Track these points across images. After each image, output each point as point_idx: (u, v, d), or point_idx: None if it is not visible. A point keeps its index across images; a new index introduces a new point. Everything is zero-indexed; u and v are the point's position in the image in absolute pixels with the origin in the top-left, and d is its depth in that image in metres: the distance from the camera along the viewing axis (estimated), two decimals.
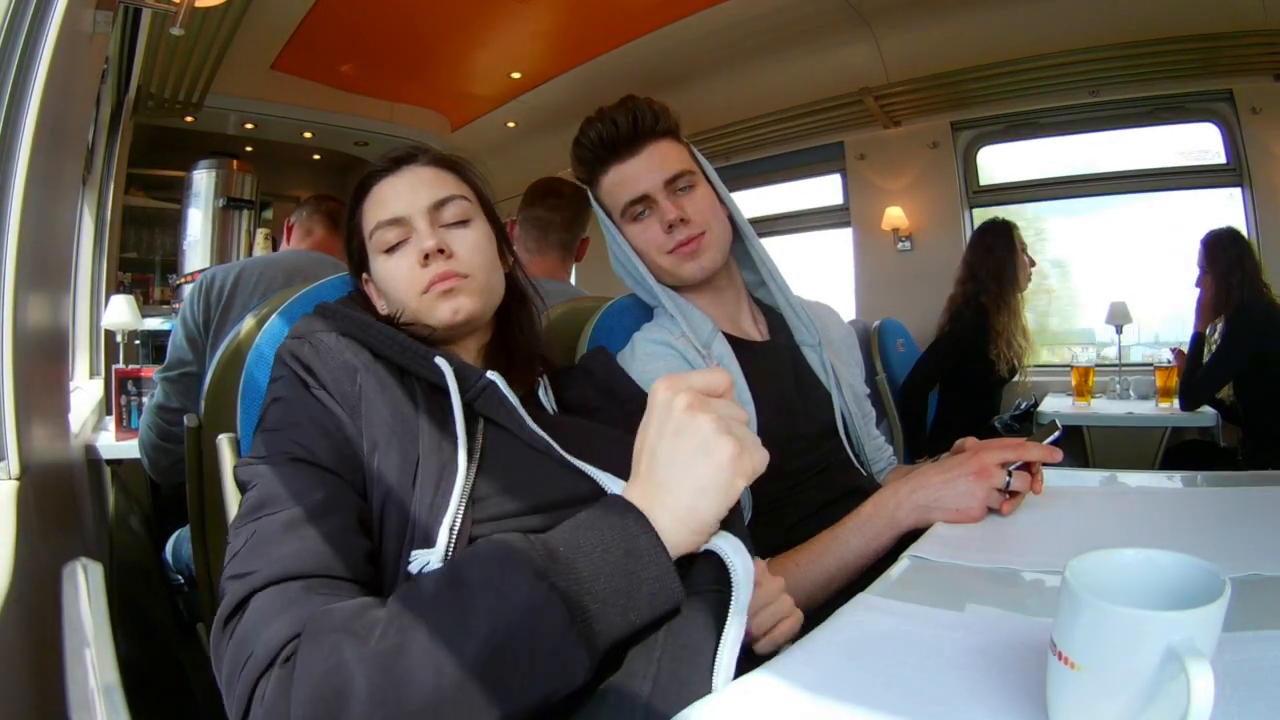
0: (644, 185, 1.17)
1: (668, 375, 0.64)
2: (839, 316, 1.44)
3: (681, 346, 1.15)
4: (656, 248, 1.19)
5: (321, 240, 2.26)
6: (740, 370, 1.15)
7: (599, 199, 1.24)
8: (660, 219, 1.17)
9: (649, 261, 1.22)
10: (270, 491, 0.69)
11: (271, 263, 2.00)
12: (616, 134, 1.17)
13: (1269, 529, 0.82)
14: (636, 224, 1.20)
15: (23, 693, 0.77)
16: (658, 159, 1.17)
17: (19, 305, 0.93)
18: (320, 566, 0.63)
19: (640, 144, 1.17)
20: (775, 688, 0.50)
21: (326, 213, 2.28)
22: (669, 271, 1.21)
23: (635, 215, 1.20)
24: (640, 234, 1.20)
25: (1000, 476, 0.91)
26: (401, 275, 0.90)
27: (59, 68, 0.97)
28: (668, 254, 1.19)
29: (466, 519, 0.71)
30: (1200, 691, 0.37)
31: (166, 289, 5.51)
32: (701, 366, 1.13)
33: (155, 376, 1.85)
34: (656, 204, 1.17)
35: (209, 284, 1.87)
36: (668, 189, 1.17)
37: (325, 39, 4.38)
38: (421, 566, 0.68)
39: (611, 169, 1.19)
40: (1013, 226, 3.09)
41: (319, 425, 0.74)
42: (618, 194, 1.20)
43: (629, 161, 1.18)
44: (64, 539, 1.21)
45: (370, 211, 0.93)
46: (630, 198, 1.18)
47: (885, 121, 4.54)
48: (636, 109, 1.16)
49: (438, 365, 0.80)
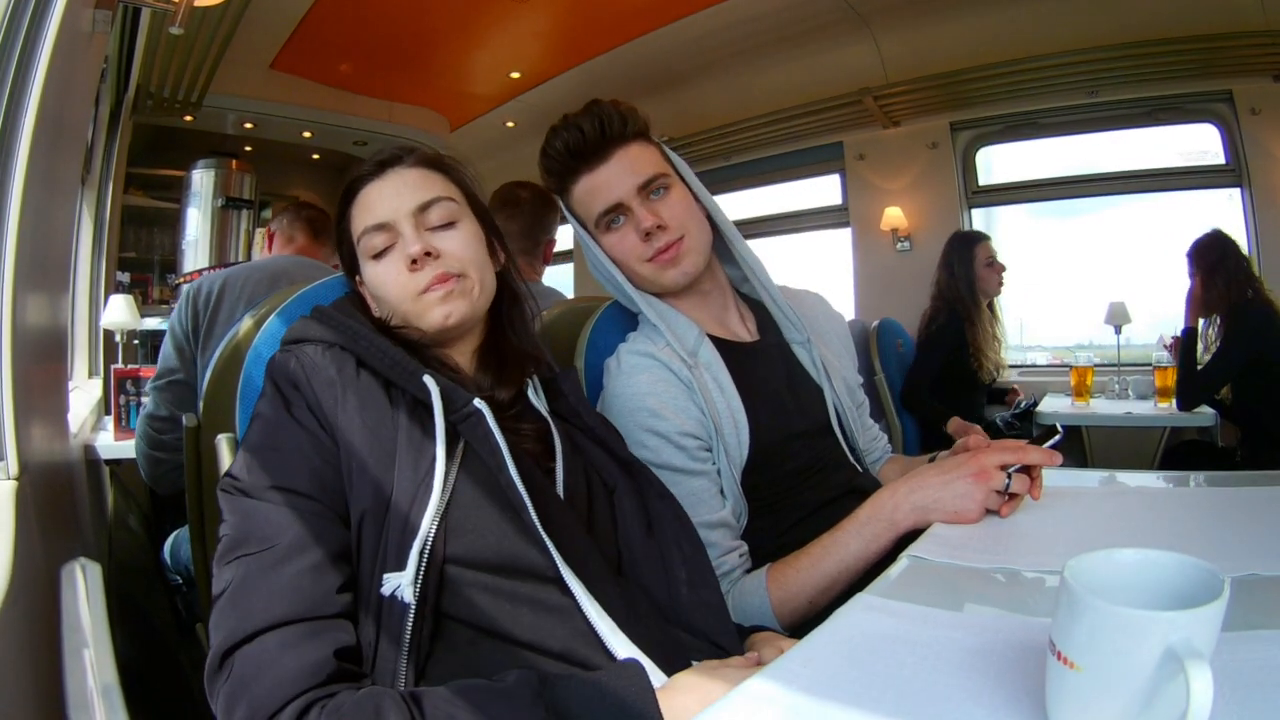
0: (616, 193, 1.13)
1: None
2: (829, 305, 1.42)
3: (665, 357, 1.12)
4: (635, 256, 1.15)
5: (303, 248, 2.28)
6: (729, 374, 1.14)
7: (571, 209, 1.20)
8: (636, 227, 1.13)
9: (628, 270, 1.18)
10: (248, 529, 0.71)
11: (256, 268, 2.01)
12: (583, 142, 1.12)
13: (1268, 529, 0.82)
14: (612, 233, 1.16)
15: (21, 693, 0.77)
16: (629, 164, 1.13)
17: (18, 305, 0.93)
18: (297, 611, 0.66)
19: (609, 150, 1.13)
20: (774, 690, 0.50)
21: (307, 220, 2.30)
22: (650, 279, 1.17)
23: (610, 224, 1.16)
24: (617, 243, 1.16)
25: (999, 479, 0.90)
26: (390, 280, 0.89)
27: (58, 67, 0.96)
28: (647, 262, 1.14)
29: (439, 542, 0.72)
30: (1199, 692, 0.37)
31: (165, 288, 5.51)
32: (687, 377, 1.11)
33: (146, 389, 1.87)
34: (631, 211, 1.13)
35: (195, 293, 1.89)
36: (641, 194, 1.13)
37: (324, 38, 4.39)
38: (393, 589, 0.70)
39: (582, 178, 1.15)
40: (975, 239, 3.19)
41: (299, 450, 0.75)
42: (590, 203, 1.15)
43: (599, 169, 1.13)
44: (63, 539, 1.21)
45: (357, 217, 0.92)
46: (603, 207, 1.14)
47: (884, 122, 4.54)
48: (602, 114, 1.12)
49: (425, 384, 0.80)
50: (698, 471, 1.07)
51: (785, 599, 0.99)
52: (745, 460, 1.10)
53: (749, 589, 1.02)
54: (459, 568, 0.74)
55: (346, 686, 0.64)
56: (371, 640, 0.70)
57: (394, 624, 0.70)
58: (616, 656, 0.73)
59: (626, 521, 0.89)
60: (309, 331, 0.85)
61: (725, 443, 1.09)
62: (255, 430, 0.79)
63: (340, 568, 0.71)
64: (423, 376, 0.81)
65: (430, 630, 0.72)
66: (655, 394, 1.09)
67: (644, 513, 0.91)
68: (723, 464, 1.09)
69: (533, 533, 0.76)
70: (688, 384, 1.10)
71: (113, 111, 3.91)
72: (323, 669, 0.64)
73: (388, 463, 0.76)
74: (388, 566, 0.71)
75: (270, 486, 0.73)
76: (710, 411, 1.09)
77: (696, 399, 1.10)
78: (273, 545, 0.69)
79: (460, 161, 1.00)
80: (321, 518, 0.73)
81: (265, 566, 0.68)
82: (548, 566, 0.76)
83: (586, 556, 0.80)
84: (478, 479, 0.78)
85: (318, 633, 0.66)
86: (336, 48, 4.61)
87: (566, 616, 0.75)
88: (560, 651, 0.73)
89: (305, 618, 0.66)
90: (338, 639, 0.67)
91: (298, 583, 0.68)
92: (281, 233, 2.30)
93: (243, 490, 0.73)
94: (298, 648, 0.64)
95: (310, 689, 0.63)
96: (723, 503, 1.08)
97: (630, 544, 0.88)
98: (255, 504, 0.72)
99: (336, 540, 0.72)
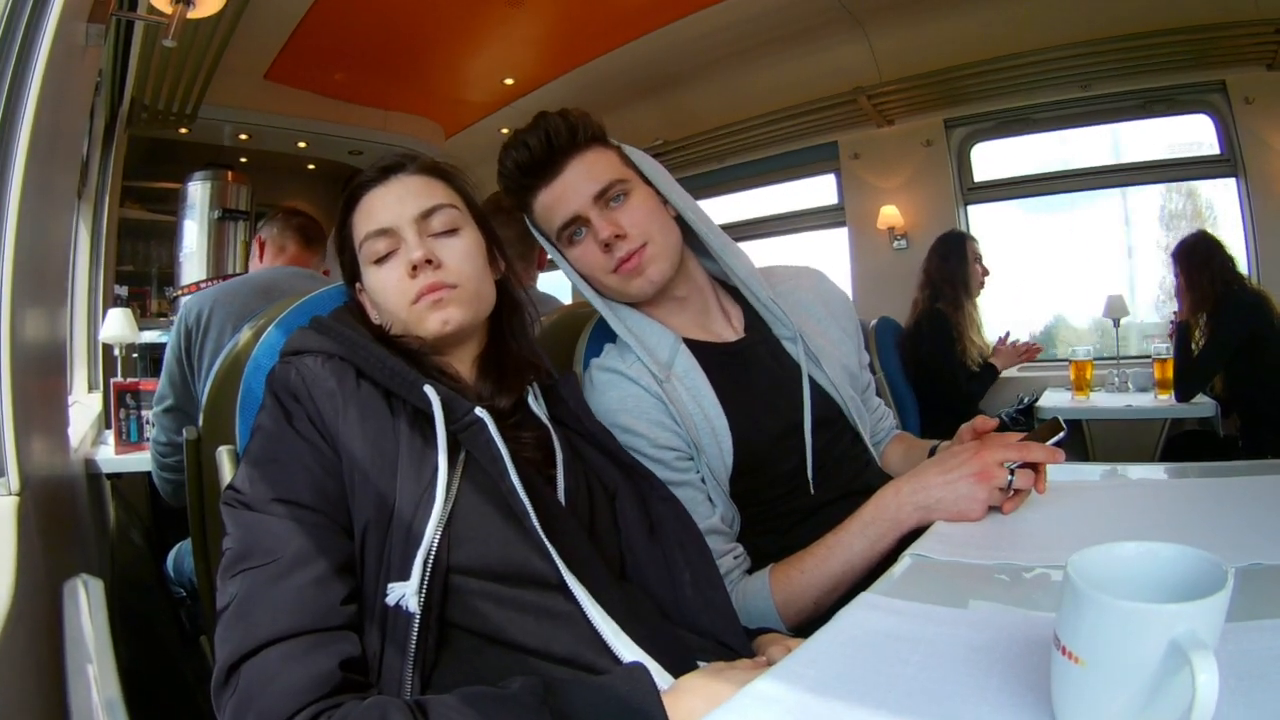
0: (573, 206, 1.09)
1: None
2: (828, 282, 1.34)
3: (634, 374, 1.10)
4: (599, 268, 1.11)
5: (295, 256, 2.27)
6: (708, 381, 1.11)
7: (535, 225, 1.17)
8: (595, 238, 1.09)
9: (595, 283, 1.15)
10: (252, 542, 0.71)
11: (244, 283, 2.02)
12: (531, 158, 1.09)
13: (1269, 518, 0.82)
14: (575, 246, 1.12)
15: (25, 709, 0.77)
16: (583, 174, 1.09)
17: (17, 319, 0.93)
18: (302, 623, 0.66)
19: (560, 162, 1.10)
20: (780, 691, 0.50)
21: (297, 228, 2.29)
22: (617, 290, 1.13)
23: (571, 238, 1.12)
24: (581, 256, 1.12)
25: (1002, 476, 0.89)
26: (391, 286, 0.90)
27: (52, 81, 0.97)
28: (611, 274, 1.11)
29: (443, 551, 0.73)
30: (1205, 683, 0.37)
31: (163, 301, 5.50)
32: (657, 391, 1.09)
33: (150, 415, 1.91)
34: (589, 222, 1.09)
35: (186, 315, 1.90)
36: (599, 204, 1.09)
37: (318, 48, 4.39)
38: (398, 599, 0.70)
39: (539, 193, 1.11)
40: (967, 238, 3.39)
41: (301, 462, 0.75)
42: (549, 218, 1.12)
43: (553, 183, 1.10)
44: (65, 554, 1.21)
45: (359, 222, 0.93)
46: (561, 220, 1.11)
47: (878, 120, 4.55)
48: (549, 126, 1.09)
49: (426, 394, 0.80)
50: (680, 482, 1.06)
51: (789, 599, 0.99)
52: (731, 468, 1.09)
53: (752, 590, 1.02)
54: (463, 576, 0.74)
55: (352, 697, 0.64)
56: (377, 650, 0.71)
57: (399, 633, 0.70)
58: (622, 660, 0.73)
59: (629, 525, 0.90)
60: (308, 342, 0.85)
61: (706, 454, 1.08)
62: (256, 443, 0.79)
63: (344, 579, 0.71)
64: (423, 386, 0.80)
65: (435, 639, 0.72)
66: (626, 410, 1.08)
67: (646, 516, 0.91)
68: (706, 474, 1.08)
69: (535, 540, 0.76)
70: (658, 398, 1.09)
71: (108, 125, 3.91)
72: (328, 680, 0.64)
73: (390, 473, 0.76)
74: (392, 576, 0.71)
75: (273, 499, 0.73)
76: (686, 424, 1.08)
77: (671, 411, 1.08)
78: (276, 558, 0.69)
79: (460, 170, 1.00)
80: (324, 529, 0.73)
81: (269, 579, 0.68)
82: (551, 573, 0.76)
83: (589, 562, 0.80)
84: (480, 487, 0.78)
85: (323, 645, 0.66)
86: (330, 57, 4.60)
87: (571, 622, 0.75)
88: (565, 657, 0.73)
89: (310, 630, 0.66)
90: (343, 650, 0.67)
91: (302, 595, 0.68)
92: (272, 241, 2.29)
93: (245, 503, 0.73)
94: (303, 660, 0.64)
95: (316, 700, 0.63)
96: (711, 509, 1.08)
97: (633, 547, 0.89)
98: (258, 517, 0.72)
99: (340, 552, 0.72)
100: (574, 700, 0.64)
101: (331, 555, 0.71)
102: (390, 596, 0.70)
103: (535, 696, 0.63)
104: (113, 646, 0.87)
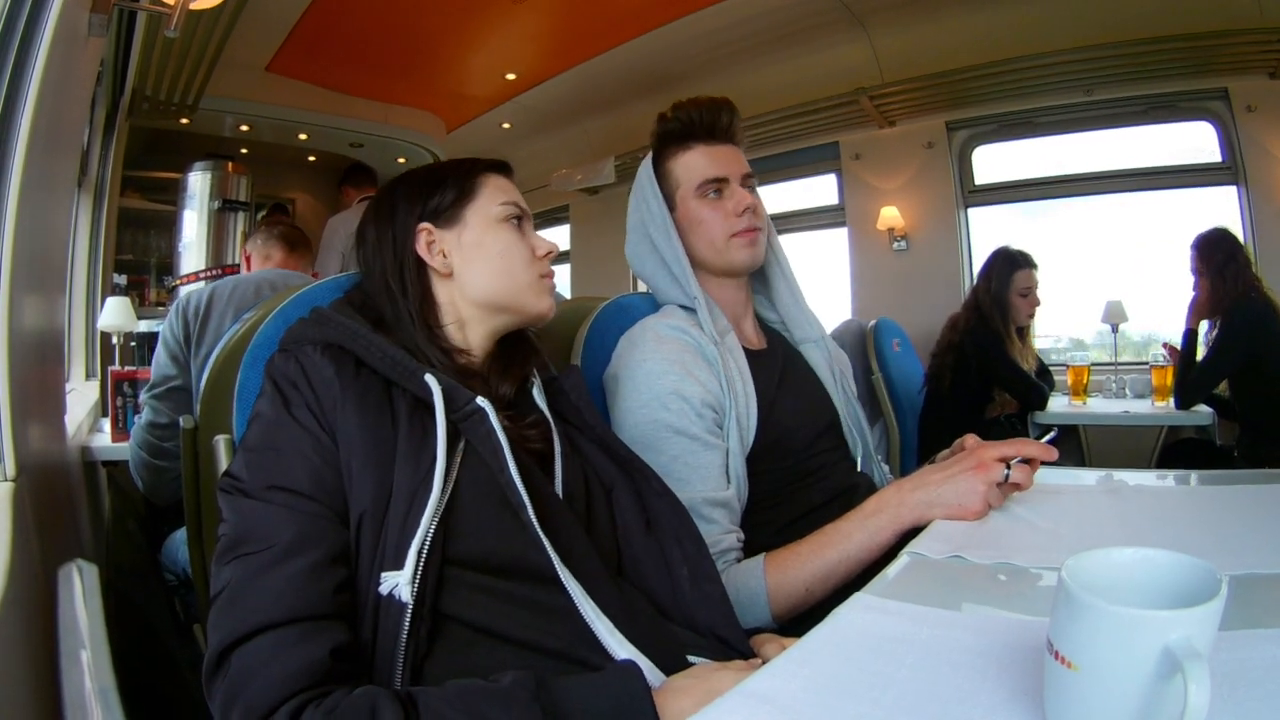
0: (728, 169, 1.25)
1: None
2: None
3: (696, 334, 1.17)
4: (724, 228, 1.24)
5: (281, 263, 2.32)
6: (746, 361, 1.19)
7: (661, 174, 1.29)
8: (735, 201, 1.24)
9: (701, 243, 1.26)
10: (247, 528, 0.71)
11: (241, 280, 2.06)
12: (715, 123, 1.27)
13: (1265, 527, 0.82)
14: (707, 201, 1.25)
15: (18, 696, 0.77)
16: (738, 156, 1.28)
17: (15, 307, 0.93)
18: (295, 611, 0.66)
19: (728, 139, 1.29)
20: (772, 690, 0.50)
21: (280, 236, 2.35)
22: (721, 252, 1.25)
23: (708, 193, 1.25)
24: (710, 209, 1.25)
25: (999, 470, 0.93)
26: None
27: (54, 70, 0.96)
28: (733, 236, 1.24)
29: (437, 542, 0.72)
30: (1197, 691, 0.37)
31: (162, 291, 5.48)
32: (713, 353, 1.15)
33: (142, 400, 1.89)
34: (732, 189, 1.25)
35: (185, 304, 1.93)
36: (744, 182, 1.27)
37: (320, 41, 4.38)
38: (391, 588, 0.70)
39: (697, 148, 1.27)
40: (1019, 264, 3.00)
41: (298, 449, 0.75)
42: (697, 169, 1.26)
43: (715, 147, 1.27)
44: (60, 541, 1.21)
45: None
46: (711, 175, 1.25)
47: (880, 121, 4.55)
48: (734, 113, 1.28)
49: (426, 383, 0.80)
50: (712, 445, 1.11)
51: (782, 583, 1.01)
52: (751, 445, 1.14)
53: (746, 570, 1.04)
54: (457, 567, 0.74)
55: (341, 687, 0.64)
56: (369, 639, 0.70)
57: (391, 623, 0.70)
58: (614, 657, 0.73)
59: (625, 520, 0.90)
60: (307, 332, 0.85)
61: (739, 423, 1.13)
62: (255, 430, 0.78)
63: (338, 568, 0.71)
64: (424, 375, 0.81)
65: (428, 630, 0.72)
66: (684, 361, 1.13)
67: (642, 511, 0.91)
68: (733, 444, 1.12)
69: (531, 533, 0.76)
70: (713, 361, 1.15)
71: (109, 114, 3.90)
72: (318, 669, 0.64)
73: (387, 462, 0.75)
74: (386, 566, 0.71)
75: (269, 486, 0.73)
76: (730, 389, 1.14)
77: (719, 375, 1.14)
78: (271, 545, 0.69)
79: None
80: (320, 518, 0.72)
81: (263, 566, 0.68)
82: (546, 567, 0.76)
83: (585, 557, 0.80)
84: (478, 478, 0.78)
85: (314, 633, 0.66)
86: (332, 50, 4.59)
87: (564, 617, 0.75)
88: (558, 652, 0.73)
89: (302, 618, 0.66)
90: (334, 639, 0.67)
91: (295, 583, 0.68)
92: (257, 252, 2.35)
93: (242, 490, 0.73)
94: (294, 648, 0.64)
95: (305, 689, 0.63)
96: (727, 484, 1.11)
97: (630, 543, 0.89)
98: (254, 504, 0.72)
99: (335, 540, 0.72)
100: (565, 696, 0.64)
101: (327, 544, 0.71)
102: (384, 585, 0.70)
103: (527, 691, 0.63)
104: (107, 633, 0.87)
